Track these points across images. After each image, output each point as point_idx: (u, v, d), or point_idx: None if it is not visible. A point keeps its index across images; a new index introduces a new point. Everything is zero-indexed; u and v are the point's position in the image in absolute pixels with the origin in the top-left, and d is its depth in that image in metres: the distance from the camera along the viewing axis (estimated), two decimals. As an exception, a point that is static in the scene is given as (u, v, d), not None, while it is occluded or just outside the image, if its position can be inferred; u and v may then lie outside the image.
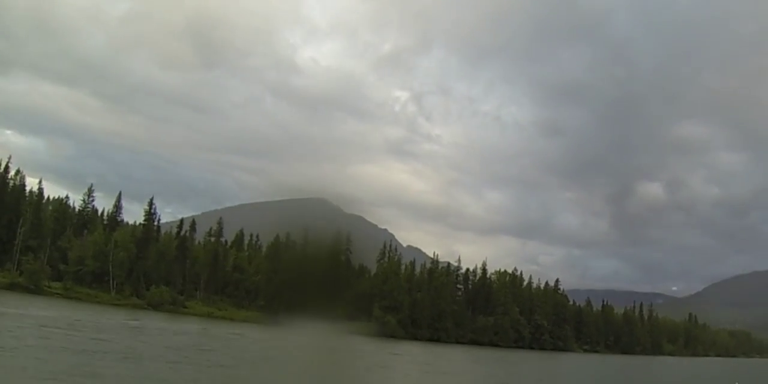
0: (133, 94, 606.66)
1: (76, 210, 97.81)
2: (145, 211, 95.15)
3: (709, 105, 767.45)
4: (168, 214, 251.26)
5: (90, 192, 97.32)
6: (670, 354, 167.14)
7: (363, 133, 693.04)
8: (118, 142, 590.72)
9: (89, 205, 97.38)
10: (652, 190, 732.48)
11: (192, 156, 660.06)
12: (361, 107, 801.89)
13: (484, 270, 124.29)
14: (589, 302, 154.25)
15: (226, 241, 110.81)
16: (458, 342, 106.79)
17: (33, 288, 76.68)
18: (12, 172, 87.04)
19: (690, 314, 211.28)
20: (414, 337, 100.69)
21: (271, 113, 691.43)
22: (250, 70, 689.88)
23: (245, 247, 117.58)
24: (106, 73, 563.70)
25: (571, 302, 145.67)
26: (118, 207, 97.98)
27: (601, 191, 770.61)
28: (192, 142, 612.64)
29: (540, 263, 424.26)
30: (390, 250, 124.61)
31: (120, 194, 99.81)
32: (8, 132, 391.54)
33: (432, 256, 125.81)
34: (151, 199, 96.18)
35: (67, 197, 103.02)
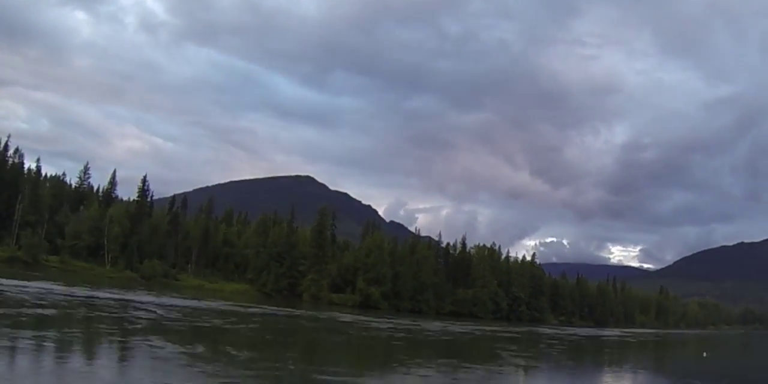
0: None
1: (73, 187, 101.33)
2: (139, 188, 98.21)
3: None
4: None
5: (86, 169, 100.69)
6: (642, 325, 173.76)
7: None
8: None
9: (85, 182, 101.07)
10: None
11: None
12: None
13: (463, 244, 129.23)
14: (564, 275, 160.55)
15: (216, 217, 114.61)
16: (438, 313, 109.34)
17: (31, 261, 78.70)
18: (11, 151, 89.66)
19: (661, 287, 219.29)
20: (396, 309, 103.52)
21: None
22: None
23: (234, 223, 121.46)
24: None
25: (547, 275, 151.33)
26: (113, 184, 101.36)
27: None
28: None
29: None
30: (373, 225, 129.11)
31: (115, 171, 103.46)
32: None
33: (414, 231, 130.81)
34: (145, 177, 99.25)
35: (64, 174, 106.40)
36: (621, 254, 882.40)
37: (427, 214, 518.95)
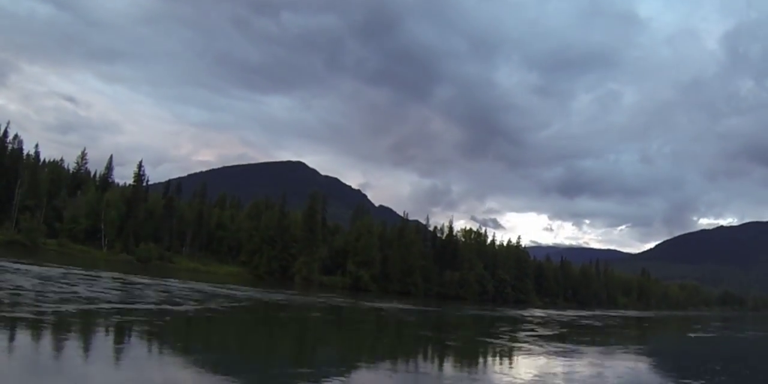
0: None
1: (71, 172, 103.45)
2: (135, 173, 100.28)
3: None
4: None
5: (83, 155, 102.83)
6: (624, 306, 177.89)
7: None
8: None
9: (82, 168, 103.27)
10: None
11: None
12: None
13: (450, 228, 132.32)
14: (548, 258, 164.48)
15: (209, 201, 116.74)
16: (426, 295, 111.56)
17: (30, 245, 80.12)
18: (11, 136, 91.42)
19: (643, 269, 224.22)
20: (385, 291, 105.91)
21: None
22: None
23: (227, 207, 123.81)
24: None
25: (532, 258, 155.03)
26: (109, 169, 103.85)
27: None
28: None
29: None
30: (363, 209, 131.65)
31: (111, 157, 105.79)
32: None
33: (402, 215, 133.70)
34: (140, 162, 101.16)
35: (62, 160, 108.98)
36: (600, 232, 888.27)
37: (392, 188, 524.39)
